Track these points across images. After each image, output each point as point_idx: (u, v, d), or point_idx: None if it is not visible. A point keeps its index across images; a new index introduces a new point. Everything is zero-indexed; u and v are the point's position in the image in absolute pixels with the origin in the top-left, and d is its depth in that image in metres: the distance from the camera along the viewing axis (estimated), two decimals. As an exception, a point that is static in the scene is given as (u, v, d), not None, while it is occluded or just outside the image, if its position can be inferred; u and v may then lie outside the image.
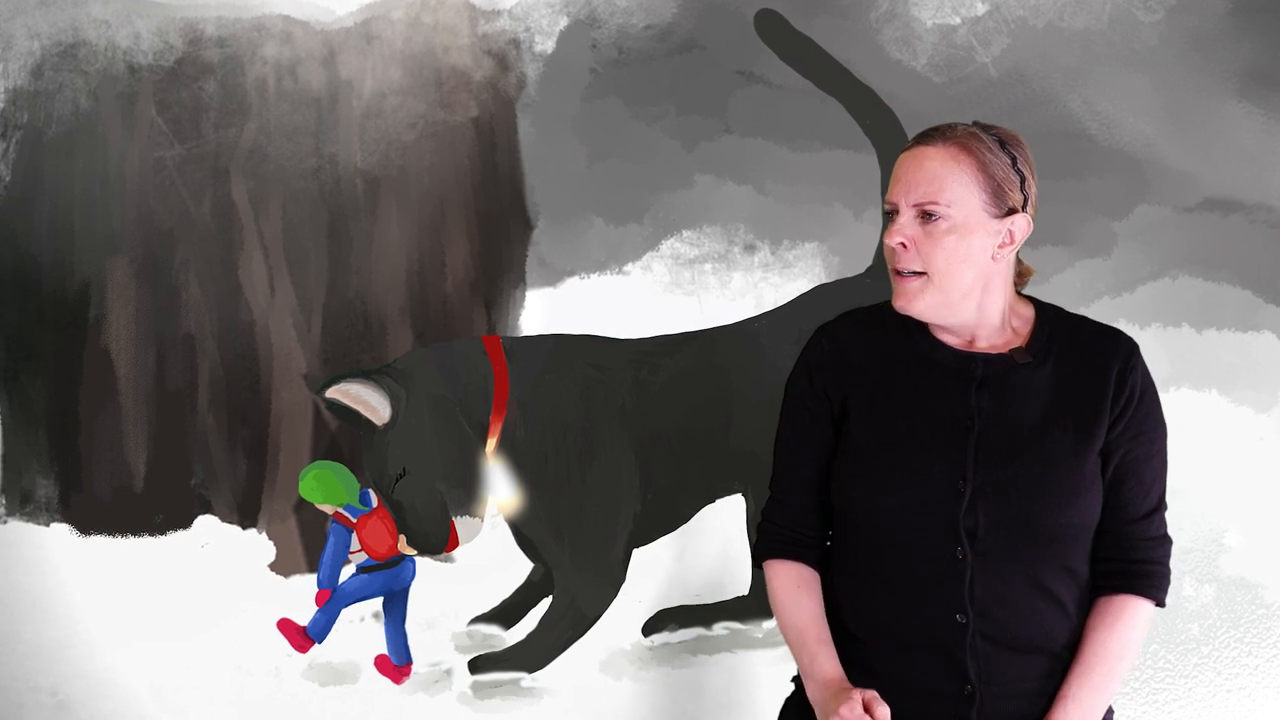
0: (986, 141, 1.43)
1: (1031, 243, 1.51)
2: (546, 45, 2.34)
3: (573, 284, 2.34)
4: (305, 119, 2.34)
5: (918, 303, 1.44)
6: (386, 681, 2.31)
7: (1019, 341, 1.49)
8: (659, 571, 2.35)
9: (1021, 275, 1.57)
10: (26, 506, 2.34)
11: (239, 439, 2.34)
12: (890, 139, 2.31)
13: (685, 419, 2.31)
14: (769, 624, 2.33)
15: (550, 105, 2.34)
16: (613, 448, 2.28)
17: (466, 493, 2.24)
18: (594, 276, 2.34)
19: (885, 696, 1.41)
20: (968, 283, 1.44)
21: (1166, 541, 1.51)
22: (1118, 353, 1.47)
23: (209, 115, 2.33)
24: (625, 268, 2.34)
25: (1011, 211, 1.45)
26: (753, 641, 2.33)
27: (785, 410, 1.59)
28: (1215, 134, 2.34)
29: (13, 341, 2.34)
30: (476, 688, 2.30)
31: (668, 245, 2.34)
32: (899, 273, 1.44)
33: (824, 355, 1.55)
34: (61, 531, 2.34)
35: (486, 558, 2.33)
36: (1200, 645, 2.33)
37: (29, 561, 2.33)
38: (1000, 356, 1.47)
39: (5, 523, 2.34)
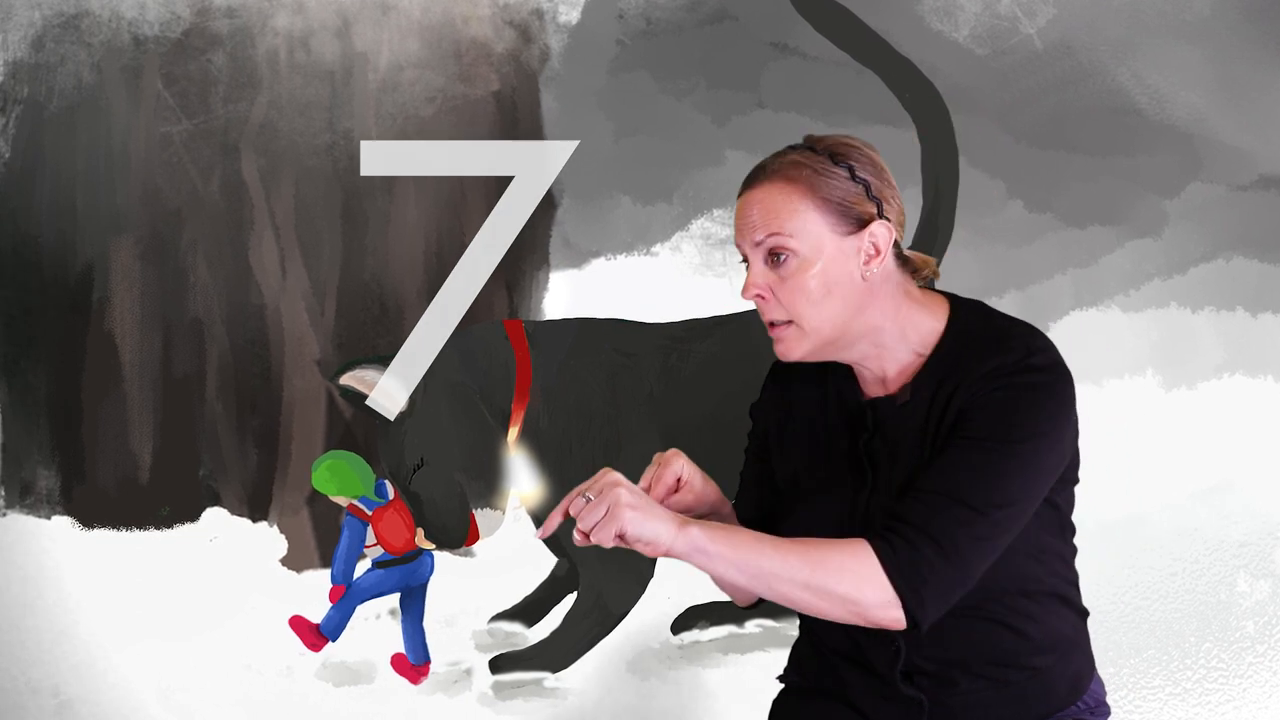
0: (811, 163, 1.37)
1: (1079, 222, 1.45)
2: (571, 15, 2.32)
3: (598, 265, 2.32)
4: (318, 93, 2.32)
5: (796, 351, 1.36)
6: (403, 681, 2.24)
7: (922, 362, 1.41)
8: (688, 567, 2.29)
9: (918, 272, 1.47)
10: (27, 498, 2.32)
11: (249, 428, 2.32)
12: (931, 113, 2.26)
13: (716, 407, 2.24)
14: (804, 621, 2.29)
15: (575, 78, 2.32)
16: (640, 437, 2.22)
17: (487, 484, 2.19)
18: (621, 257, 2.32)
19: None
20: (839, 315, 1.35)
21: (923, 538, 1.18)
22: (987, 366, 1.25)
23: (218, 89, 2.31)
24: (653, 248, 2.32)
25: (866, 222, 1.38)
26: (788, 640, 2.25)
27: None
28: (1271, 108, 2.30)
29: (13, 326, 2.32)
30: (498, 688, 2.25)
31: (698, 225, 2.32)
32: (772, 324, 1.36)
33: (763, 397, 1.52)
34: (63, 524, 2.32)
35: (508, 552, 2.30)
36: (1255, 643, 2.27)
37: (29, 555, 2.30)
38: (889, 398, 1.40)
39: (5, 515, 2.32)
